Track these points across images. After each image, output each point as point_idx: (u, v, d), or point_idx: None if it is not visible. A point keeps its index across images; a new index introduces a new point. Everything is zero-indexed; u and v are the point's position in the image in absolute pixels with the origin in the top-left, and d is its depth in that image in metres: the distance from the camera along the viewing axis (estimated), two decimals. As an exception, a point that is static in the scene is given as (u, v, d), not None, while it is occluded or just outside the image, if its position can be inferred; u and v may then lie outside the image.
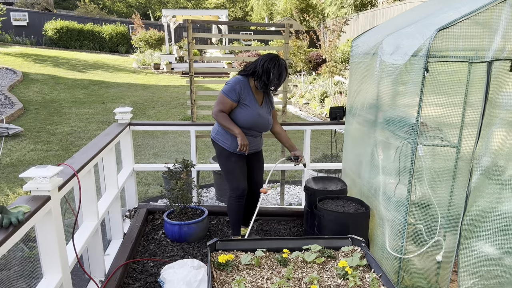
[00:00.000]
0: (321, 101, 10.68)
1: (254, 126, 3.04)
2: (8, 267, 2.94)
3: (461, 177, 2.32)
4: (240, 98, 2.98)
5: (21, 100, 10.24)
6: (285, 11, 26.51)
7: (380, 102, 2.62)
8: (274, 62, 2.89)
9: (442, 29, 1.99)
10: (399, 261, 2.37)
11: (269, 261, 2.10)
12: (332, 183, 3.39)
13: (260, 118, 3.04)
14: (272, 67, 2.87)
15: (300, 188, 5.20)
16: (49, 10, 25.70)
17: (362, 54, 2.97)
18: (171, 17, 19.82)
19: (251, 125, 3.03)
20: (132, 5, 34.43)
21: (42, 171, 1.87)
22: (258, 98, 3.08)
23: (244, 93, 2.99)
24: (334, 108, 3.98)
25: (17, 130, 7.57)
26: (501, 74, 2.07)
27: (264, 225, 3.73)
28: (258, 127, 3.07)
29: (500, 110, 2.13)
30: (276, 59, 2.91)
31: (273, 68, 2.88)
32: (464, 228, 2.29)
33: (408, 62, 2.17)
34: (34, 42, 20.73)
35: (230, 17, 32.23)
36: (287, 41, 4.17)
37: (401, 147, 2.30)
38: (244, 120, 3.00)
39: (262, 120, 3.06)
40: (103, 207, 2.80)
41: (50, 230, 1.91)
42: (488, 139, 2.17)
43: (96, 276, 2.64)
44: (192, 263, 2.68)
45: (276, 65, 2.88)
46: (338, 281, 1.92)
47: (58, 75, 14.06)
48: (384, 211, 2.54)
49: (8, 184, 5.09)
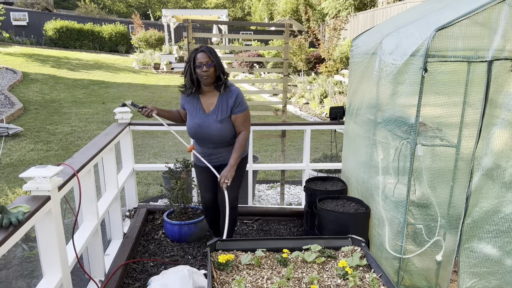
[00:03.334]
0: (321, 101, 10.69)
1: (196, 137, 2.79)
2: (8, 267, 2.94)
3: (461, 177, 2.32)
4: (184, 106, 2.83)
5: (21, 100, 10.24)
6: (285, 11, 26.50)
7: (379, 102, 2.62)
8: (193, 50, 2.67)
9: (441, 29, 1.99)
10: (399, 261, 2.38)
11: (269, 261, 2.10)
12: (332, 183, 3.40)
13: (200, 128, 2.72)
14: (190, 55, 2.65)
15: (300, 188, 5.21)
16: (49, 10, 25.69)
17: (362, 53, 2.97)
18: (171, 17, 19.82)
19: (193, 136, 2.81)
20: (132, 5, 34.43)
21: (42, 171, 1.87)
22: (207, 104, 2.73)
23: (187, 100, 2.80)
24: (334, 108, 3.98)
25: (17, 130, 7.57)
26: (502, 74, 2.07)
27: (264, 225, 3.74)
28: (203, 138, 2.77)
29: (501, 110, 2.13)
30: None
31: (191, 54, 2.64)
32: (465, 229, 2.29)
33: (407, 62, 2.17)
34: (34, 42, 20.73)
35: (230, 17, 32.21)
36: (287, 41, 4.17)
37: (400, 147, 2.30)
38: (187, 130, 2.81)
39: (203, 131, 2.72)
40: (103, 207, 2.80)
41: (50, 230, 1.92)
42: (489, 140, 2.17)
43: (96, 276, 2.64)
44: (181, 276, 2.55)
45: (193, 51, 2.65)
46: (338, 281, 1.92)
47: (58, 75, 14.06)
48: (384, 211, 2.54)
49: (8, 184, 5.09)
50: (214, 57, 2.61)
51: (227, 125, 2.71)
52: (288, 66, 4.32)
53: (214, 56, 2.61)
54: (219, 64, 2.63)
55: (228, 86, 2.70)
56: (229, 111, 2.68)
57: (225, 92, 2.69)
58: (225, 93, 2.69)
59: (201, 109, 2.73)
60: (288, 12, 26.20)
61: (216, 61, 2.61)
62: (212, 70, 2.60)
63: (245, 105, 2.73)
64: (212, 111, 2.70)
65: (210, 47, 2.64)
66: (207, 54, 2.59)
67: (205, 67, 2.57)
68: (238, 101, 2.69)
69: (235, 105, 2.68)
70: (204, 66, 2.57)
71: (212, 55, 2.60)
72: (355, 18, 17.45)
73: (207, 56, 2.59)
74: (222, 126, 2.69)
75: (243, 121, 2.74)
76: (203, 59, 2.57)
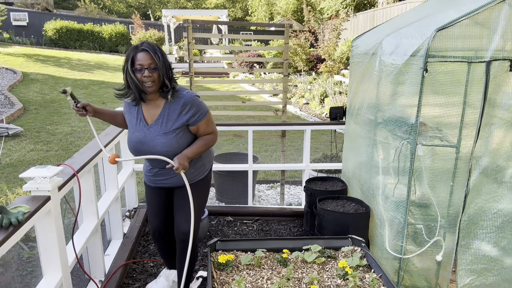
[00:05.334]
0: (321, 101, 10.68)
1: (139, 154, 2.22)
2: (8, 267, 2.94)
3: (461, 177, 2.32)
4: (124, 114, 2.30)
5: (21, 100, 10.24)
6: (285, 11, 26.51)
7: (380, 102, 2.62)
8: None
9: (441, 29, 1.99)
10: (399, 261, 2.38)
11: (269, 261, 2.11)
12: (332, 183, 3.40)
13: (141, 144, 2.18)
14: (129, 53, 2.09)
15: (300, 188, 5.20)
16: (49, 10, 25.71)
17: (362, 54, 2.97)
18: (171, 17, 19.83)
19: (135, 153, 2.26)
20: (132, 5, 34.44)
21: (42, 171, 1.87)
22: (150, 114, 2.19)
23: (127, 107, 2.26)
24: (334, 108, 3.98)
25: (17, 130, 7.57)
26: (500, 74, 2.08)
27: (264, 225, 3.73)
28: (142, 154, 2.20)
29: (499, 110, 2.13)
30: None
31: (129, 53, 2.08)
32: (462, 227, 2.30)
33: (407, 62, 2.17)
34: (34, 42, 20.73)
35: (230, 17, 32.23)
36: (287, 41, 4.18)
37: (401, 147, 2.30)
38: (128, 146, 2.29)
39: (145, 147, 2.18)
40: (103, 207, 2.80)
41: (50, 230, 1.92)
42: (487, 139, 2.17)
43: (96, 276, 2.64)
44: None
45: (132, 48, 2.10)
46: (338, 281, 1.92)
47: (58, 75, 14.06)
48: (384, 211, 2.54)
49: (8, 184, 5.09)
50: (160, 58, 2.04)
51: (175, 139, 2.15)
52: (288, 66, 4.32)
53: (159, 57, 2.04)
54: (166, 67, 2.07)
55: (177, 91, 2.15)
56: (180, 122, 2.14)
57: (174, 99, 2.14)
58: (173, 101, 2.14)
59: (142, 120, 2.19)
60: (288, 12, 26.21)
61: (161, 63, 2.04)
62: (157, 75, 2.04)
63: (204, 109, 2.20)
64: (155, 122, 2.16)
65: (155, 44, 2.08)
66: (150, 54, 2.02)
67: (147, 71, 2.01)
68: (195, 109, 2.15)
69: (192, 115, 2.15)
70: (146, 70, 2.01)
71: (156, 55, 2.03)
72: (355, 19, 17.45)
73: (149, 56, 2.02)
74: (167, 141, 2.14)
75: (206, 126, 2.23)
76: (144, 61, 2.01)
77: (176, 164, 2.09)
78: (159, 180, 2.34)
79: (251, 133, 3.93)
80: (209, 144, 2.27)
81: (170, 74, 2.11)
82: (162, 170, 2.30)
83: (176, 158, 2.11)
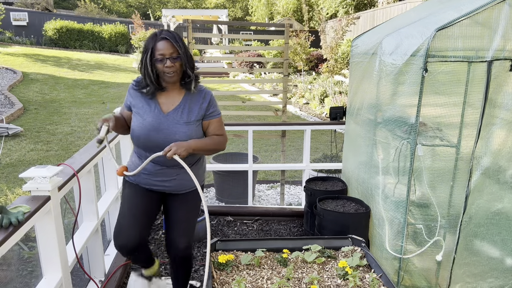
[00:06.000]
0: (321, 101, 10.68)
1: (145, 144, 2.01)
2: (8, 267, 2.94)
3: (461, 177, 2.32)
4: (131, 104, 2.07)
5: (21, 100, 10.24)
6: (286, 11, 26.52)
7: (380, 102, 2.62)
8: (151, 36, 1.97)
9: (441, 29, 1.99)
10: (399, 261, 2.38)
11: (269, 261, 2.10)
12: (332, 183, 3.40)
13: (155, 131, 1.97)
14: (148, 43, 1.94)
15: (300, 188, 5.20)
16: (49, 10, 25.70)
17: (362, 54, 2.97)
18: (171, 17, 19.83)
19: (139, 142, 2.03)
20: (132, 5, 34.45)
21: (42, 171, 1.87)
22: (166, 103, 2.03)
23: (134, 97, 2.06)
24: (334, 108, 3.98)
25: (17, 130, 7.57)
26: (501, 74, 2.08)
27: (264, 225, 3.73)
28: (155, 148, 1.95)
29: (500, 110, 2.13)
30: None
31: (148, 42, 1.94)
32: (463, 228, 2.30)
33: (407, 62, 2.17)
34: (34, 42, 20.73)
35: (230, 17, 32.24)
36: (287, 40, 4.18)
37: (401, 147, 2.30)
38: (132, 135, 2.05)
39: (159, 135, 1.97)
40: (103, 207, 2.80)
41: (50, 230, 1.91)
42: (488, 139, 2.17)
43: (96, 276, 2.64)
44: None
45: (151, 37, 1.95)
46: (338, 281, 1.92)
47: (58, 75, 14.07)
48: (384, 211, 2.54)
49: (8, 184, 5.09)
50: (181, 47, 1.93)
51: (195, 131, 2.02)
52: (288, 66, 4.32)
53: (181, 45, 1.93)
54: (187, 56, 1.96)
55: (199, 84, 2.10)
56: (201, 113, 2.03)
57: (196, 90, 2.04)
58: (196, 92, 2.04)
59: (157, 107, 2.02)
60: (289, 12, 26.22)
61: (183, 51, 1.93)
62: (179, 65, 1.93)
63: (219, 111, 2.13)
64: (173, 110, 2.01)
65: (175, 33, 1.97)
66: (171, 43, 1.90)
67: (168, 61, 1.89)
68: (213, 103, 2.07)
69: (209, 108, 2.06)
70: (168, 60, 1.90)
71: (178, 44, 1.91)
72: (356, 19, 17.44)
73: (171, 45, 1.90)
74: (188, 131, 1.99)
75: (218, 126, 2.10)
76: (166, 50, 1.89)
77: (174, 147, 1.84)
78: (157, 181, 2.06)
79: (251, 133, 3.93)
80: (217, 146, 2.08)
81: (192, 63, 2.00)
82: (165, 169, 2.04)
83: (175, 144, 1.87)
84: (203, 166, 2.22)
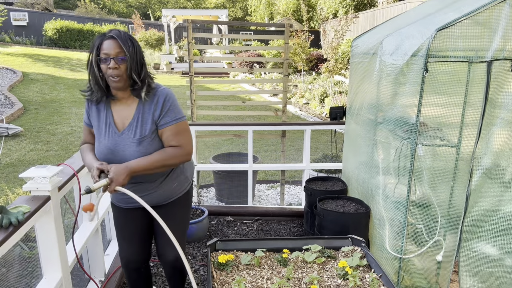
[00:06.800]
0: (321, 101, 10.68)
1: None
2: (8, 267, 2.94)
3: (461, 177, 2.32)
4: (90, 119, 1.92)
5: (21, 100, 10.23)
6: (285, 11, 26.52)
7: (380, 102, 2.62)
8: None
9: (442, 29, 1.99)
10: (399, 261, 2.37)
11: (269, 261, 2.10)
12: (332, 183, 3.40)
13: (112, 154, 1.81)
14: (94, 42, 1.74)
15: (300, 188, 5.20)
16: (49, 10, 25.71)
17: (362, 54, 2.97)
18: (171, 17, 19.84)
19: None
20: (132, 5, 34.45)
21: (42, 171, 1.87)
22: (122, 117, 1.83)
23: (92, 111, 1.89)
24: (334, 108, 3.98)
25: (17, 130, 7.57)
26: (501, 74, 2.08)
27: (264, 225, 3.73)
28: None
29: (500, 110, 2.13)
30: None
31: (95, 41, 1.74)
32: (465, 229, 2.29)
33: (407, 62, 2.17)
34: (34, 42, 20.74)
35: (230, 17, 32.25)
36: (287, 40, 4.18)
37: (401, 147, 2.30)
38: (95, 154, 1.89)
39: (117, 158, 1.80)
40: (103, 207, 2.80)
41: (50, 230, 1.91)
42: (488, 139, 2.17)
43: (96, 276, 2.63)
44: None
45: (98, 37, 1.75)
46: (338, 281, 1.92)
47: (58, 75, 14.06)
48: (384, 211, 2.54)
49: (8, 184, 5.09)
50: (129, 47, 1.71)
51: (152, 146, 1.80)
52: (289, 66, 4.32)
53: (129, 46, 1.71)
54: (136, 59, 1.73)
55: (154, 89, 1.82)
56: (154, 123, 1.81)
57: (149, 98, 1.80)
58: (148, 100, 1.80)
59: (111, 125, 1.83)
60: (288, 12, 26.22)
61: (131, 53, 1.71)
62: (124, 68, 1.70)
63: (179, 113, 1.85)
64: (128, 127, 1.81)
65: (126, 33, 1.76)
66: (118, 42, 1.68)
67: (112, 62, 1.67)
68: (166, 106, 1.81)
69: (162, 113, 1.80)
70: (112, 61, 1.67)
71: (126, 45, 1.70)
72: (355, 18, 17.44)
73: (117, 45, 1.68)
74: (143, 149, 1.78)
75: (173, 135, 1.81)
76: (111, 50, 1.67)
77: (111, 174, 1.64)
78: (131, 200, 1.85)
79: (251, 133, 3.93)
80: (170, 160, 1.79)
81: (140, 68, 1.75)
82: (139, 185, 1.88)
83: (113, 169, 1.66)
84: (183, 174, 2.04)
